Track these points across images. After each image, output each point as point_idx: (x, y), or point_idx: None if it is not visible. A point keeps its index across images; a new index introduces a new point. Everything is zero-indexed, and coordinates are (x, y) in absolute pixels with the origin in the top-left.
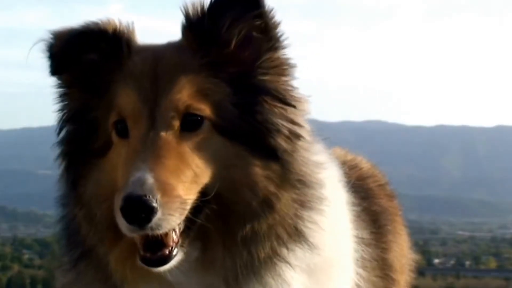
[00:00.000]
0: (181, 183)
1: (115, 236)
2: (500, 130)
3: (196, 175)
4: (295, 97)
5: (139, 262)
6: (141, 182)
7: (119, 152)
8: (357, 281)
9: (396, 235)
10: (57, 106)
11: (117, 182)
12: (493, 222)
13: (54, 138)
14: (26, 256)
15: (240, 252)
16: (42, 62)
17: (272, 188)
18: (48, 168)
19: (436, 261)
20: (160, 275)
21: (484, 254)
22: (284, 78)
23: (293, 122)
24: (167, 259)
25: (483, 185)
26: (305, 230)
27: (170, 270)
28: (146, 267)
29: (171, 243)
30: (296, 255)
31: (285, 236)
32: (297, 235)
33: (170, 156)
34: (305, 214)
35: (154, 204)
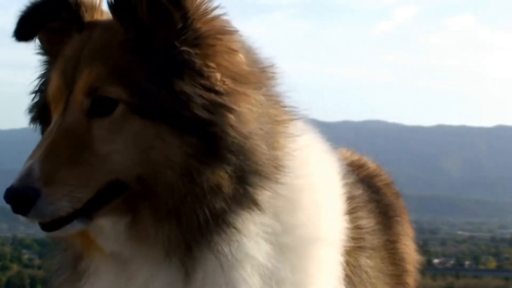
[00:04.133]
0: (77, 171)
1: None
2: (500, 130)
3: (103, 162)
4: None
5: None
6: (26, 173)
7: None
8: (363, 270)
9: (403, 229)
10: (38, 73)
11: None
12: (493, 222)
13: None
14: (25, 256)
15: (171, 223)
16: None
17: (193, 162)
18: None
19: (436, 261)
20: (100, 246)
21: (484, 254)
22: (205, 50)
23: (216, 92)
24: (58, 224)
25: (483, 185)
26: (255, 196)
27: (104, 241)
28: (42, 230)
29: None
30: (244, 220)
31: (221, 204)
32: (240, 201)
33: (67, 144)
34: (255, 181)
35: (30, 196)
